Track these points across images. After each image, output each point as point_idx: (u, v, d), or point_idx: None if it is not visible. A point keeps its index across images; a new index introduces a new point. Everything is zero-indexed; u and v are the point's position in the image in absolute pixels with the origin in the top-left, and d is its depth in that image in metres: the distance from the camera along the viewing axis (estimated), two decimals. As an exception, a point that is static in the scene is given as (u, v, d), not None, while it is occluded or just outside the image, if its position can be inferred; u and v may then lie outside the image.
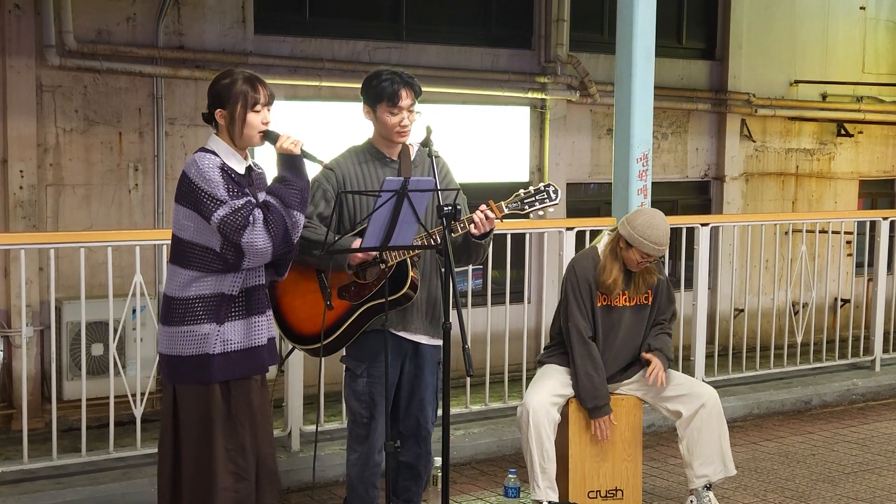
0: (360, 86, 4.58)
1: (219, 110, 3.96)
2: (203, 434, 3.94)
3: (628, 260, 5.23)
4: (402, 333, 4.51)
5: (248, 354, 3.99)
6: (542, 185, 4.44)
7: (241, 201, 3.84)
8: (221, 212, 3.80)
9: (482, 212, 4.35)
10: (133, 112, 9.34)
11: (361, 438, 4.59)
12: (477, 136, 10.98)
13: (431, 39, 10.89)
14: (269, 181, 4.07)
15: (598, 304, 5.31)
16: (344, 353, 4.62)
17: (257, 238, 3.82)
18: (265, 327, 4.04)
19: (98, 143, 9.18)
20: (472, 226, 4.35)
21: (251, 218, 3.81)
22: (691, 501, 5.34)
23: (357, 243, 4.23)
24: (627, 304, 5.35)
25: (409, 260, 4.34)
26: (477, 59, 11.15)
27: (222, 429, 3.94)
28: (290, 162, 3.98)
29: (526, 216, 4.50)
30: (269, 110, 4.01)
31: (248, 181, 3.99)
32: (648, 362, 5.31)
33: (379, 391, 4.51)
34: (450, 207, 4.15)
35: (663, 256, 5.50)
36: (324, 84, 10.07)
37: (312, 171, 4.23)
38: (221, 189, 3.83)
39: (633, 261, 5.21)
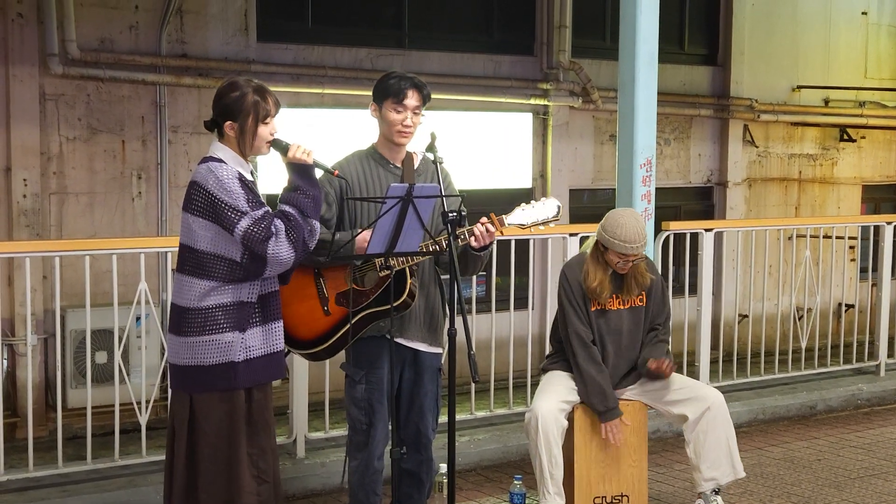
0: (363, 93, 4.61)
1: (229, 123, 3.97)
2: (226, 441, 3.96)
3: (611, 262, 5.22)
4: (399, 340, 4.51)
5: (269, 360, 4.02)
6: (543, 199, 4.45)
7: (261, 212, 3.87)
8: (244, 223, 3.82)
9: (483, 225, 4.36)
10: (136, 120, 9.35)
11: (361, 445, 4.59)
12: (479, 143, 10.98)
13: (434, 46, 10.91)
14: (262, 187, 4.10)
15: (592, 309, 5.30)
16: (344, 360, 4.62)
17: (281, 249, 3.85)
18: (281, 333, 4.08)
19: (101, 151, 9.20)
20: (473, 238, 4.36)
21: (273, 228, 3.84)
22: (699, 504, 5.34)
23: (365, 234, 4.23)
24: (622, 307, 5.34)
25: (407, 268, 4.35)
26: (479, 65, 11.16)
27: (246, 434, 3.97)
28: (303, 171, 4.00)
29: (527, 230, 4.50)
30: (274, 118, 4.03)
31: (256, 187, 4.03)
32: (655, 370, 5.29)
33: (378, 398, 4.52)
34: (455, 214, 4.16)
35: (646, 257, 5.45)
36: (326, 91, 10.09)
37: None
38: (242, 200, 3.85)
39: (613, 262, 5.20)
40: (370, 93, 4.60)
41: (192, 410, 3.98)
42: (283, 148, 4.01)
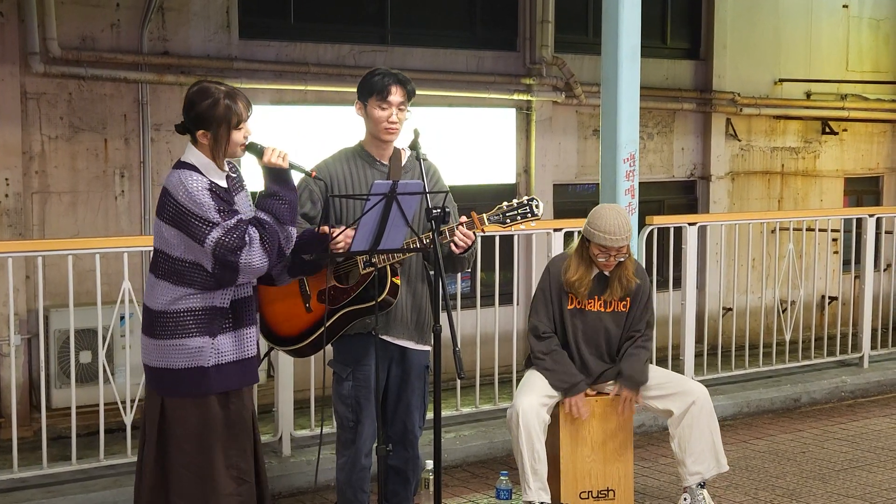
0: (346, 89, 4.60)
1: (201, 132, 3.91)
2: (199, 446, 3.91)
3: (594, 257, 5.23)
4: (385, 337, 4.51)
5: (241, 366, 3.97)
6: (525, 198, 4.45)
7: (233, 221, 3.81)
8: (215, 234, 3.77)
9: (461, 230, 4.35)
10: (118, 118, 9.32)
11: (348, 443, 4.59)
12: (463, 139, 10.98)
13: (416, 42, 10.90)
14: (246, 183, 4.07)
15: (570, 307, 5.30)
16: (331, 358, 4.62)
17: (254, 258, 3.80)
18: (255, 339, 4.02)
19: (84, 149, 9.16)
20: (453, 245, 4.35)
21: (247, 238, 3.78)
22: (685, 499, 5.34)
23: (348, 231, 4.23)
24: (603, 309, 5.34)
25: (389, 266, 4.34)
26: (462, 61, 11.15)
27: (222, 437, 3.93)
28: (279, 175, 3.94)
29: (508, 227, 4.50)
30: (247, 121, 3.97)
31: (231, 191, 3.97)
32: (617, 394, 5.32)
33: (364, 395, 4.51)
34: (438, 210, 4.15)
35: (636, 261, 5.46)
36: (309, 88, 10.06)
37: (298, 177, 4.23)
38: (213, 211, 3.79)
39: (595, 256, 5.21)
40: (353, 89, 4.59)
41: (163, 413, 3.94)
42: (258, 152, 3.94)
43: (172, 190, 3.84)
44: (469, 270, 4.90)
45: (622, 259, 5.23)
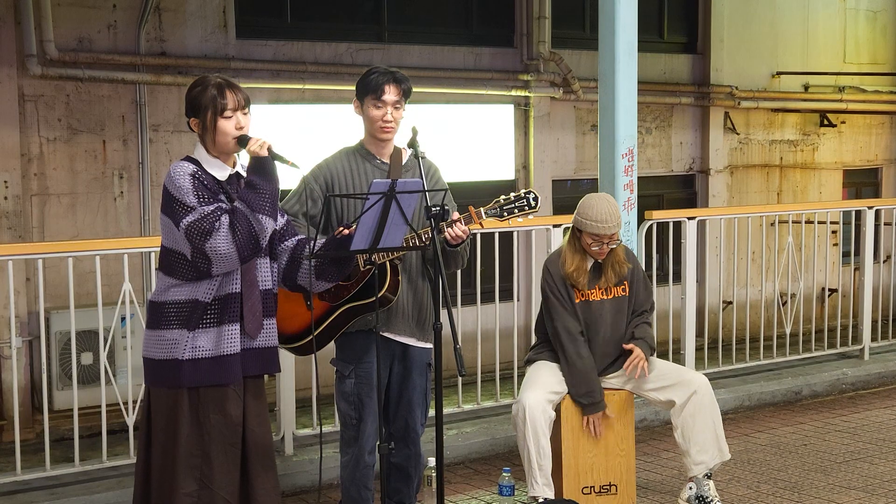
0: (343, 88, 4.62)
1: (192, 119, 3.96)
2: (169, 437, 3.94)
3: (587, 247, 5.25)
4: (387, 334, 4.52)
5: (218, 363, 3.92)
6: (523, 191, 4.47)
7: (210, 207, 3.82)
8: (189, 218, 3.80)
9: (457, 225, 4.35)
10: (116, 119, 9.31)
11: (351, 440, 4.60)
12: (461, 136, 10.98)
13: (413, 40, 10.89)
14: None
15: (577, 301, 5.32)
16: (334, 356, 4.63)
17: (220, 243, 3.79)
18: (237, 336, 3.96)
19: (82, 151, 9.15)
20: (447, 235, 4.36)
21: (217, 224, 3.79)
22: (690, 489, 5.34)
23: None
24: (605, 297, 5.36)
25: (389, 263, 4.35)
26: (459, 58, 11.15)
27: (187, 434, 3.92)
28: (259, 165, 3.93)
29: (505, 222, 4.51)
30: (244, 114, 3.97)
31: (231, 188, 3.96)
32: (630, 352, 5.33)
33: (367, 392, 4.52)
34: (438, 208, 4.17)
35: (624, 246, 5.47)
36: (307, 87, 10.06)
37: (293, 176, 4.23)
38: (191, 196, 3.82)
39: (589, 246, 5.23)
40: (351, 87, 4.60)
41: (149, 403, 4.01)
42: (245, 143, 3.95)
43: (165, 178, 3.91)
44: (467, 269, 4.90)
45: (614, 246, 5.26)
